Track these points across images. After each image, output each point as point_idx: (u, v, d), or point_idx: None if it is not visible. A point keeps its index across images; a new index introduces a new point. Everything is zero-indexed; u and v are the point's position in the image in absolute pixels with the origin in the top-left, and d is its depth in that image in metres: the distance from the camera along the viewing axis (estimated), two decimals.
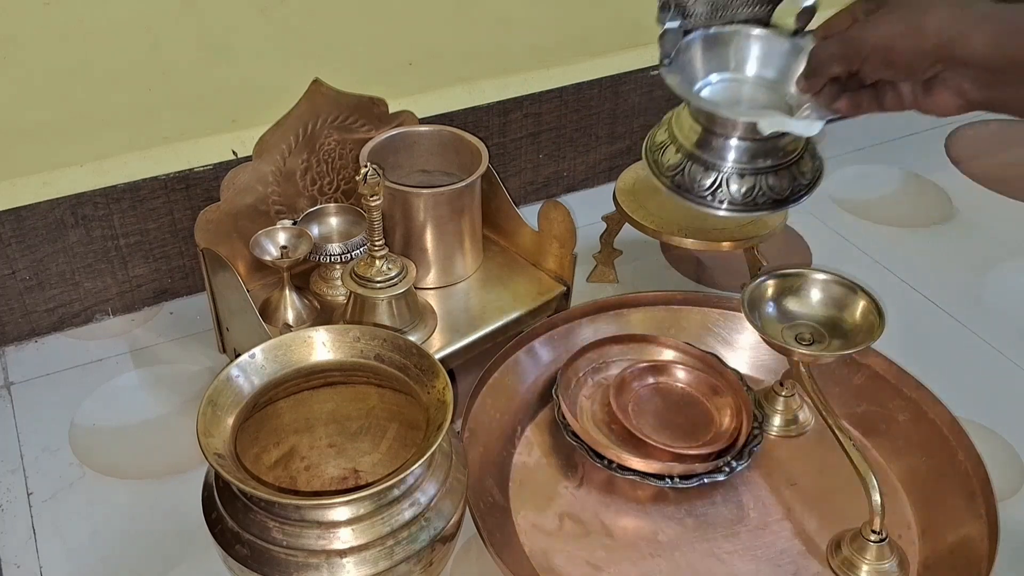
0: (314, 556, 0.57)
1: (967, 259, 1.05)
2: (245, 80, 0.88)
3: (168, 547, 0.72)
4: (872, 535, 0.68)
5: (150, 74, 0.83)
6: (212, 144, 0.89)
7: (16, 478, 0.78)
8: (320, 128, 0.83)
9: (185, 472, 0.78)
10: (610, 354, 0.83)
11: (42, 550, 0.72)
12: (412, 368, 0.63)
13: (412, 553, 0.58)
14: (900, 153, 1.24)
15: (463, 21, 0.96)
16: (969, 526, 0.70)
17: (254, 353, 0.63)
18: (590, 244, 0.99)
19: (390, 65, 0.94)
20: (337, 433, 0.71)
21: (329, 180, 0.87)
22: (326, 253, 0.81)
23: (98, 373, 0.87)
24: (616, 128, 1.12)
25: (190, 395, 0.85)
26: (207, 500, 0.60)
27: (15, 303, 0.88)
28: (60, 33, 0.78)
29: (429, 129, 0.88)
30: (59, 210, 0.85)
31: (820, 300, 0.77)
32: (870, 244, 1.07)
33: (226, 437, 0.59)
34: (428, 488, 0.60)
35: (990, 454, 0.72)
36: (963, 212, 1.13)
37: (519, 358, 0.82)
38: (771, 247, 0.96)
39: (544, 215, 0.85)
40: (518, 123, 1.04)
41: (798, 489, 0.76)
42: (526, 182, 1.10)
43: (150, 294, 0.94)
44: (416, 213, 0.82)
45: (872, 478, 0.68)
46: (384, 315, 0.77)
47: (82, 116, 0.83)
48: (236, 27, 0.84)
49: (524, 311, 0.85)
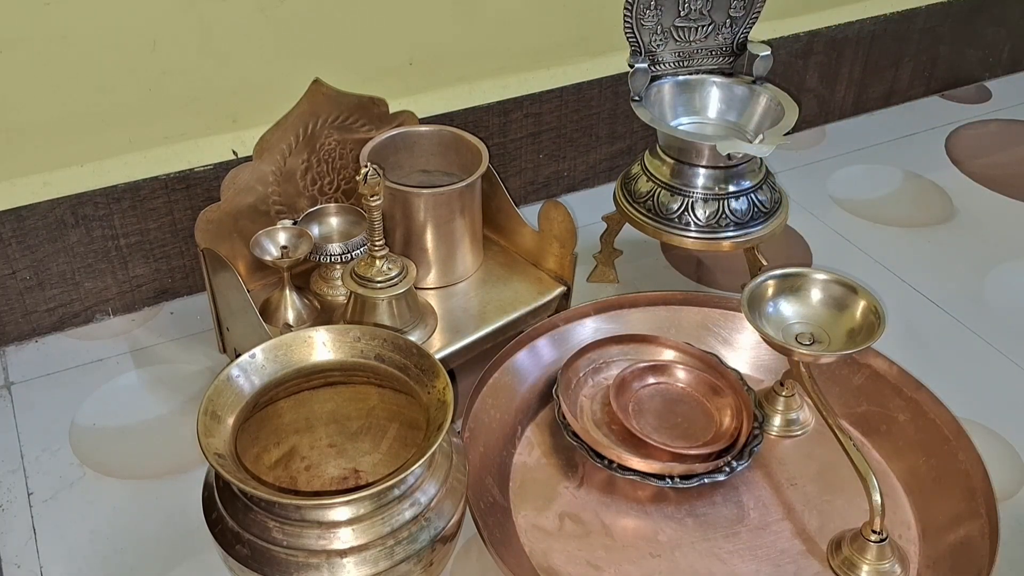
0: (314, 556, 0.57)
1: (967, 259, 1.05)
2: (245, 80, 0.88)
3: (168, 547, 0.72)
4: (872, 535, 0.68)
5: (150, 74, 0.83)
6: (212, 144, 0.89)
7: (16, 478, 0.78)
8: (320, 128, 0.83)
9: (185, 472, 0.78)
10: (610, 354, 0.83)
11: (42, 550, 0.72)
12: (412, 368, 0.63)
13: (412, 553, 0.58)
14: (900, 153, 1.25)
15: (463, 21, 0.96)
16: (969, 526, 0.70)
17: (254, 353, 0.63)
18: (590, 244, 0.99)
19: (390, 65, 0.94)
20: (337, 433, 0.71)
21: (329, 180, 0.87)
22: (326, 253, 0.81)
23: (98, 373, 0.87)
24: (616, 128, 1.12)
25: (190, 395, 0.85)
26: (207, 500, 0.60)
27: (15, 303, 0.88)
28: (60, 33, 0.78)
29: (429, 129, 0.89)
30: (59, 210, 0.85)
31: (820, 300, 0.77)
32: (870, 244, 1.07)
33: (226, 437, 0.59)
34: (428, 488, 0.60)
35: (990, 454, 0.72)
36: (963, 212, 1.13)
37: (519, 358, 0.82)
38: (771, 247, 0.96)
39: (544, 215, 0.85)
40: (518, 123, 1.04)
41: (798, 489, 0.76)
42: (526, 182, 1.10)
43: (150, 294, 0.94)
44: (416, 213, 0.82)
45: (872, 478, 0.68)
46: (384, 315, 0.77)
47: (82, 116, 0.83)
48: (236, 27, 0.84)
49: (524, 311, 0.85)
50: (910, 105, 1.36)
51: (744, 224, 0.88)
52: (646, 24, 0.88)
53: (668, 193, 0.88)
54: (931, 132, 1.29)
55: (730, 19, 0.91)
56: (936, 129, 1.30)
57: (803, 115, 1.25)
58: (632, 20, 0.87)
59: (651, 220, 0.89)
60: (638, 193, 0.90)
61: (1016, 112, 1.35)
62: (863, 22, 1.23)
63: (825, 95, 1.28)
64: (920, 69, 1.34)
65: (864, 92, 1.31)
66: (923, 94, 1.38)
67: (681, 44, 0.90)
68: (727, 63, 0.93)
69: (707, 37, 0.91)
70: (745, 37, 0.92)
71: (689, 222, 0.88)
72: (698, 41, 0.91)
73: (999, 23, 1.37)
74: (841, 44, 1.23)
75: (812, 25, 1.20)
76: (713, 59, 0.93)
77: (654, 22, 0.88)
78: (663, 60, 0.91)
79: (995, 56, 1.41)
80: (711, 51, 0.92)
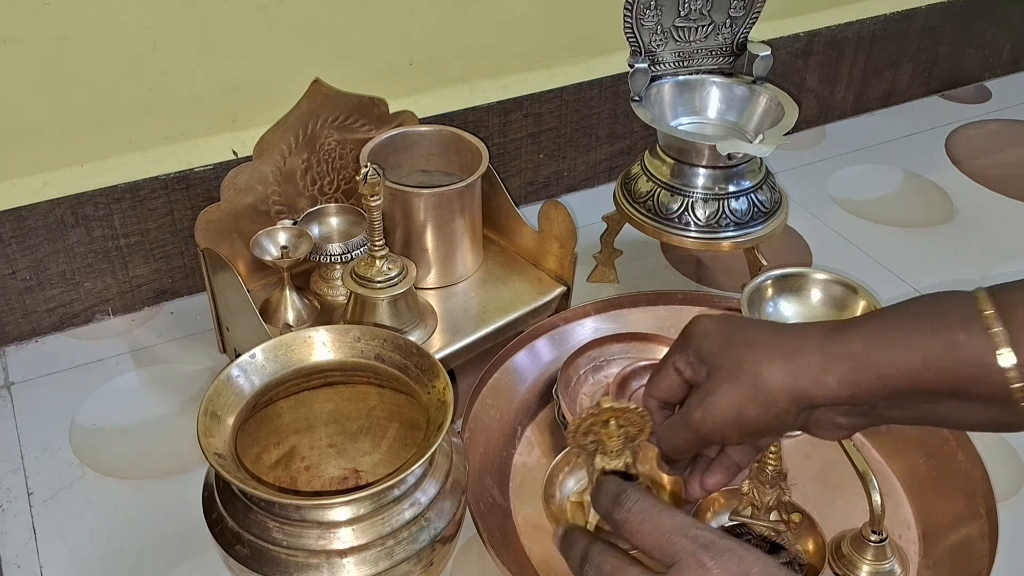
0: (314, 556, 0.57)
1: (967, 259, 1.05)
2: (245, 80, 0.88)
3: (168, 547, 0.72)
4: (872, 535, 0.68)
5: (150, 74, 0.83)
6: (212, 144, 0.89)
7: (16, 478, 0.78)
8: (320, 128, 0.83)
9: (185, 472, 0.78)
10: (611, 352, 0.83)
11: (42, 550, 0.72)
12: (412, 368, 0.63)
13: (412, 553, 0.58)
14: (900, 153, 1.25)
15: (463, 21, 0.96)
16: (969, 526, 0.70)
17: (254, 353, 0.63)
18: (590, 244, 0.99)
19: (390, 65, 0.94)
20: (337, 433, 0.71)
21: (329, 180, 0.87)
22: (326, 253, 0.81)
23: (98, 373, 0.87)
24: (616, 128, 1.12)
25: (190, 395, 0.85)
26: (207, 500, 0.60)
27: (15, 303, 0.88)
28: (60, 33, 0.78)
29: (429, 129, 0.88)
30: (59, 210, 0.85)
31: (820, 300, 0.77)
32: (870, 244, 1.07)
33: (226, 437, 0.59)
34: (428, 488, 0.60)
35: (990, 454, 0.72)
36: (963, 212, 1.13)
37: (519, 358, 0.82)
38: (771, 247, 0.96)
39: (544, 215, 0.85)
40: (518, 123, 1.04)
41: (798, 489, 0.76)
42: (526, 182, 1.10)
43: (150, 294, 0.94)
44: (416, 213, 0.82)
45: (872, 478, 0.68)
46: (384, 315, 0.77)
47: (82, 116, 0.83)
48: (236, 27, 0.84)
49: (524, 311, 0.85)
50: (910, 105, 1.36)
51: (744, 224, 0.88)
52: (646, 24, 0.88)
53: (668, 193, 0.88)
54: (931, 132, 1.29)
55: (730, 19, 0.91)
56: (936, 129, 1.30)
57: (803, 115, 1.24)
58: (632, 20, 0.87)
59: (651, 220, 0.89)
60: (638, 193, 0.90)
61: (1016, 112, 1.35)
62: (863, 22, 1.23)
63: (825, 95, 1.28)
64: (920, 69, 1.34)
65: (864, 92, 1.31)
66: (923, 94, 1.38)
67: (681, 44, 0.91)
68: (727, 63, 0.93)
69: (707, 37, 0.91)
70: (745, 37, 0.92)
71: (689, 222, 0.88)
72: (698, 41, 0.91)
73: (999, 23, 1.37)
74: (841, 44, 1.23)
75: (812, 25, 1.20)
76: (713, 59, 0.93)
77: (654, 22, 0.88)
78: (663, 60, 0.91)
79: (995, 56, 1.41)
80: (711, 51, 0.92)
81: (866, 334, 0.53)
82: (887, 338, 0.52)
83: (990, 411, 0.50)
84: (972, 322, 0.50)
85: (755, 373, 0.54)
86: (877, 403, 0.53)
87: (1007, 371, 0.48)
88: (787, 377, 0.54)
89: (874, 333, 0.53)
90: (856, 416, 0.55)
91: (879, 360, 0.52)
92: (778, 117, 0.87)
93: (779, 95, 0.89)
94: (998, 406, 0.50)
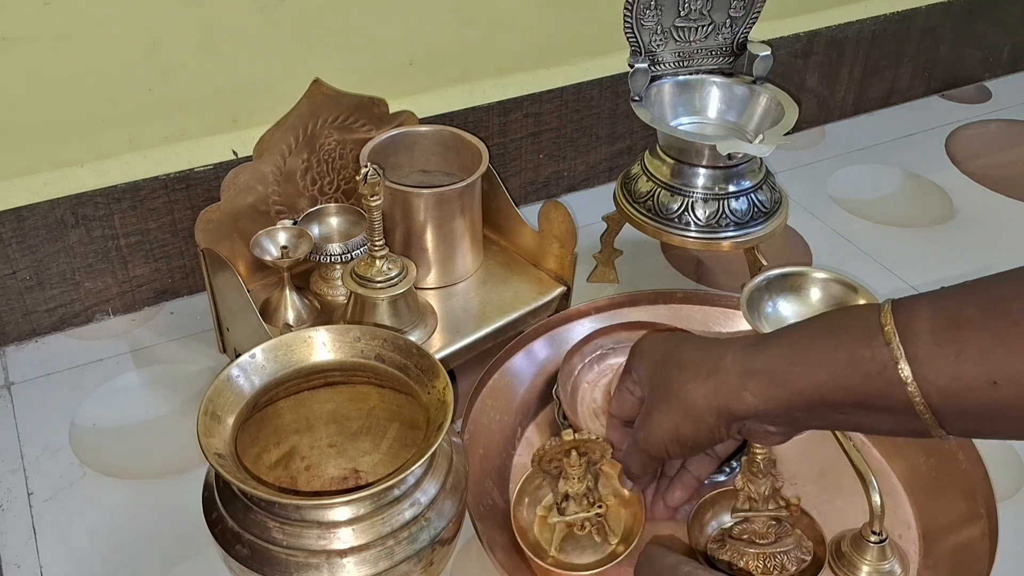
0: (314, 556, 0.57)
1: (967, 259, 1.05)
2: (245, 80, 0.88)
3: (168, 547, 0.72)
4: (872, 535, 0.68)
5: (150, 74, 0.83)
6: (212, 144, 0.89)
7: (16, 478, 0.78)
8: (320, 128, 0.83)
9: (185, 472, 0.78)
10: (616, 339, 0.81)
11: (42, 550, 0.72)
12: (412, 368, 0.63)
13: (412, 553, 0.58)
14: (900, 153, 1.25)
15: (463, 21, 0.96)
16: (969, 526, 0.70)
17: (254, 353, 0.63)
18: (590, 244, 0.99)
19: (390, 65, 0.94)
20: (337, 433, 0.71)
21: (329, 180, 0.87)
22: (326, 253, 0.81)
23: (98, 373, 0.87)
24: (616, 128, 1.12)
25: (190, 395, 0.85)
26: (207, 500, 0.60)
27: (15, 303, 0.88)
28: (60, 33, 0.78)
29: (429, 129, 0.89)
30: (59, 210, 0.85)
31: (820, 300, 0.76)
32: (870, 244, 1.07)
33: (226, 437, 0.59)
34: (428, 488, 0.60)
35: (990, 454, 0.72)
36: (963, 212, 1.13)
37: (519, 358, 0.82)
38: (771, 247, 0.96)
39: (544, 215, 0.85)
40: (518, 123, 1.04)
41: (798, 489, 0.76)
42: (526, 182, 1.10)
43: (150, 294, 0.94)
44: (416, 213, 0.82)
45: (872, 478, 0.68)
46: (384, 315, 0.77)
47: (82, 116, 0.83)
48: (236, 27, 0.84)
49: (524, 311, 0.85)
50: (910, 105, 1.36)
51: (744, 224, 0.88)
52: (646, 24, 0.88)
53: (668, 193, 0.88)
54: (931, 132, 1.29)
55: (730, 19, 0.91)
56: (936, 129, 1.30)
57: (803, 115, 1.24)
58: (632, 20, 0.87)
59: (651, 220, 0.89)
60: (638, 193, 0.90)
61: (1016, 112, 1.35)
62: (863, 22, 1.23)
63: (825, 95, 1.28)
64: (920, 69, 1.34)
65: (864, 92, 1.31)
66: (923, 94, 1.38)
67: (681, 44, 0.91)
68: (727, 63, 0.93)
69: (707, 37, 0.91)
70: (745, 37, 0.92)
71: (689, 222, 0.88)
72: (698, 41, 0.91)
73: (999, 23, 1.37)
74: (841, 44, 1.23)
75: (812, 25, 1.20)
76: (713, 59, 0.93)
77: (654, 22, 0.88)
78: (663, 60, 0.91)
79: (995, 56, 1.41)
80: (711, 51, 0.92)
81: (779, 352, 0.55)
82: (797, 354, 0.54)
83: (900, 421, 0.52)
84: (874, 337, 0.51)
85: (684, 393, 0.57)
86: (795, 414, 0.55)
87: (907, 385, 0.49)
88: (709, 395, 0.56)
89: (785, 350, 0.54)
90: (783, 424, 0.57)
91: (789, 375, 0.54)
92: (778, 117, 0.87)
93: (779, 95, 0.89)
94: (906, 416, 0.51)
